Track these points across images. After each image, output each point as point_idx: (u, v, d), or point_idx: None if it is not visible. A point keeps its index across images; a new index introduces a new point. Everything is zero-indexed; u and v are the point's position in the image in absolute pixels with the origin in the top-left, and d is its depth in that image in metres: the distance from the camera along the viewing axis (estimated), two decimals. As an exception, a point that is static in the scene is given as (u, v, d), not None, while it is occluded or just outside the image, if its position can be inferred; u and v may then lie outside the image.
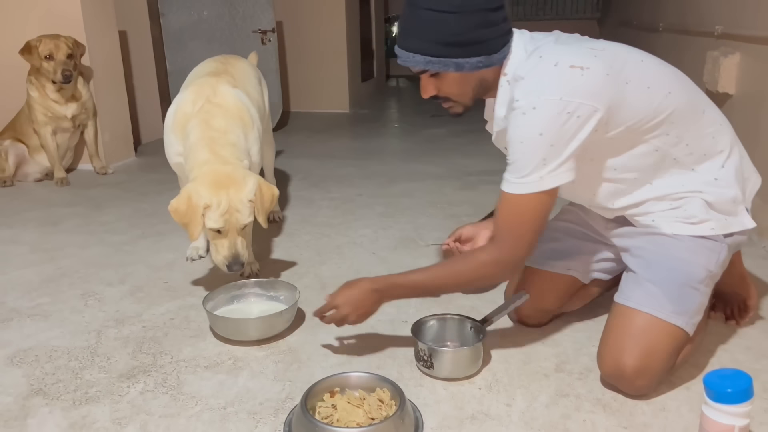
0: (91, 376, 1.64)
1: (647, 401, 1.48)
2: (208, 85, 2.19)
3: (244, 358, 1.72)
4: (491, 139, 1.65)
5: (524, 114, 1.36)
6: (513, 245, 1.44)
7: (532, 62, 1.41)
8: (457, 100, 1.52)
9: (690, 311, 1.48)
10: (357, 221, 2.88)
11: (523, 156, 1.38)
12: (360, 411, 1.38)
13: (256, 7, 5.00)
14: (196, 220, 1.88)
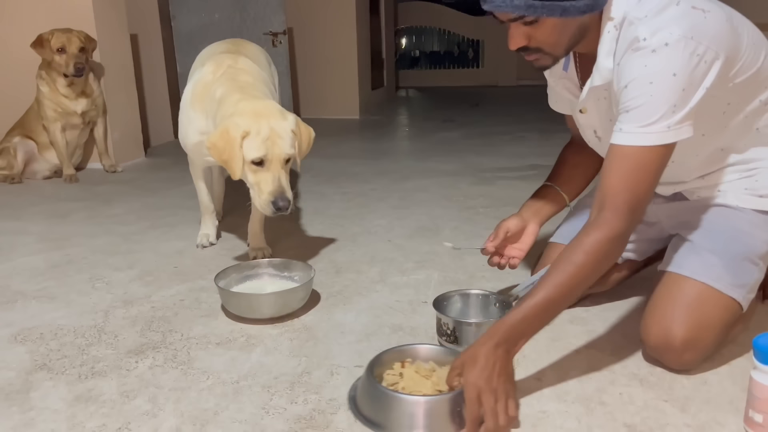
0: (98, 352, 1.57)
1: (687, 376, 1.39)
2: (228, 57, 2.08)
3: (257, 335, 1.64)
4: (552, 103, 1.63)
5: (654, 51, 1.19)
6: (631, 209, 1.24)
7: (650, 2, 1.25)
8: (549, 51, 1.33)
9: (748, 285, 1.40)
10: (371, 213, 2.81)
11: (651, 99, 1.20)
12: (428, 382, 1.28)
13: (267, 10, 4.99)
14: (236, 152, 1.73)
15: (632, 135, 1.22)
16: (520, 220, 1.66)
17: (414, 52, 11.61)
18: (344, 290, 1.93)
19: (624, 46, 1.26)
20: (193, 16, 4.98)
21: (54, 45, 3.37)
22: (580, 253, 1.24)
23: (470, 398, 1.16)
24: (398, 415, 1.19)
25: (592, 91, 1.40)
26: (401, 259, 2.20)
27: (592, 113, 1.47)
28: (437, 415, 1.18)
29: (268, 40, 5.03)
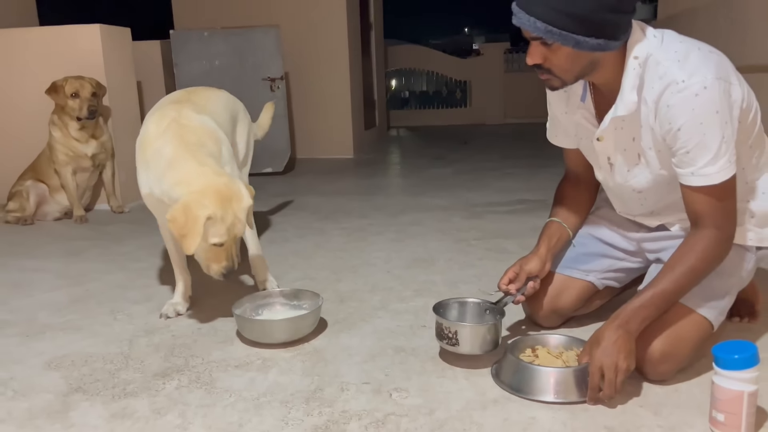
0: (127, 376, 1.72)
1: (661, 385, 1.55)
2: (171, 109, 2.05)
3: (272, 358, 1.80)
4: (551, 133, 1.83)
5: (697, 95, 1.37)
6: (729, 224, 1.48)
7: (672, 45, 1.44)
8: (559, 75, 1.49)
9: (719, 307, 1.58)
10: (370, 246, 2.99)
11: (704, 137, 1.39)
12: (559, 361, 1.60)
13: (265, 56, 5.25)
14: (196, 230, 1.76)
15: (706, 177, 1.43)
16: (539, 261, 1.77)
17: (404, 93, 11.97)
18: (349, 317, 2.10)
19: (657, 85, 1.43)
20: (194, 63, 5.22)
21: (68, 90, 3.59)
22: (693, 257, 1.47)
23: (593, 370, 1.44)
24: (536, 382, 1.51)
25: (613, 121, 1.55)
26: (400, 288, 2.37)
27: (608, 141, 1.62)
28: (565, 383, 1.49)
29: (266, 85, 5.28)
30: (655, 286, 1.48)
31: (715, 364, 1.33)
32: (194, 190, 1.80)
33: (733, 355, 1.30)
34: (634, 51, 1.47)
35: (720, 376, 1.32)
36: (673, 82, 1.40)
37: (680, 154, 1.44)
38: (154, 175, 1.93)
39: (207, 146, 1.97)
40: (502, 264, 2.58)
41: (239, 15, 6.06)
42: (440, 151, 6.79)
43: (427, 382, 1.62)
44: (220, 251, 1.86)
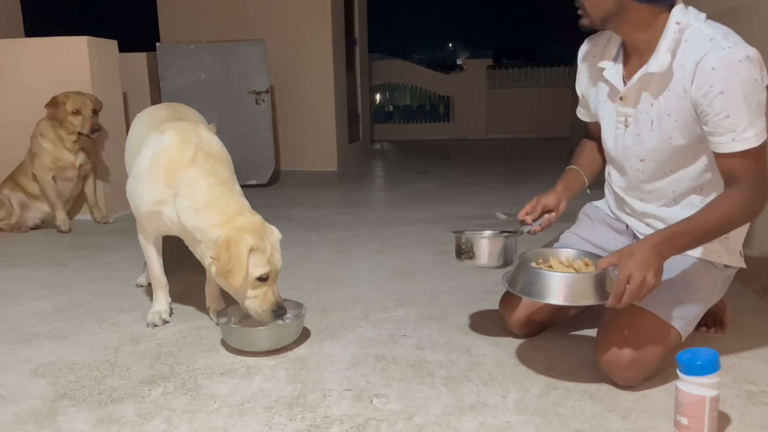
0: (114, 383, 1.75)
1: (630, 391, 1.63)
2: (191, 131, 2.07)
3: (256, 365, 1.85)
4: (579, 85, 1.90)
5: (741, 61, 1.47)
6: (766, 182, 1.54)
7: (717, 24, 1.56)
8: (589, 11, 1.62)
9: (688, 318, 1.66)
10: (353, 258, 3.05)
11: (744, 101, 1.48)
12: (570, 269, 1.66)
13: (251, 70, 5.32)
14: (241, 263, 1.81)
15: (747, 141, 1.50)
16: (556, 196, 1.89)
17: (388, 107, 12.10)
18: (332, 326, 2.15)
19: (700, 49, 1.52)
20: (181, 76, 5.27)
21: (69, 107, 3.63)
22: (731, 203, 1.53)
23: (621, 279, 1.47)
24: (548, 286, 1.54)
25: (642, 78, 1.64)
26: (382, 299, 2.43)
27: (630, 101, 1.70)
28: (578, 288, 1.52)
29: (252, 98, 5.34)
30: (693, 220, 1.54)
31: (678, 370, 1.40)
32: (232, 227, 1.87)
33: (696, 361, 1.37)
34: (677, 17, 1.58)
35: (684, 381, 1.39)
36: (718, 47, 1.50)
37: (719, 119, 1.51)
38: (184, 205, 1.95)
39: (235, 182, 2.06)
40: (480, 276, 2.67)
41: (226, 29, 6.13)
42: (423, 166, 6.88)
43: (406, 388, 1.68)
44: (267, 290, 1.89)
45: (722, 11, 2.85)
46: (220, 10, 6.34)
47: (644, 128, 1.69)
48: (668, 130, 1.64)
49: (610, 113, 1.79)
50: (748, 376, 1.70)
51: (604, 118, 1.82)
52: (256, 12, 6.28)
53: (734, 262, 1.75)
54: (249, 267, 1.84)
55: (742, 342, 1.91)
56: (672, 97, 1.61)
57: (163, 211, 2.01)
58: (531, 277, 1.59)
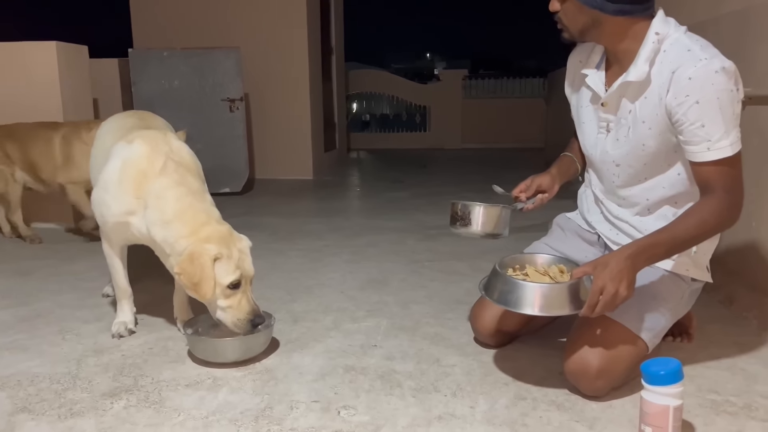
0: (74, 396, 1.71)
1: (596, 402, 1.63)
2: (161, 140, 2.04)
3: (223, 377, 1.82)
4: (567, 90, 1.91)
5: (717, 72, 1.50)
6: (740, 190, 1.59)
7: (695, 36, 1.60)
8: (567, 26, 1.66)
9: (655, 330, 1.68)
10: (325, 267, 3.03)
11: (719, 111, 1.51)
12: (546, 278, 1.67)
13: (225, 77, 5.28)
14: (207, 274, 1.79)
15: (721, 150, 1.53)
16: (551, 178, 1.92)
17: (364, 116, 12.10)
18: (301, 337, 2.13)
19: (678, 59, 1.56)
20: (153, 82, 5.22)
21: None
22: (706, 212, 1.56)
23: (594, 290, 1.49)
24: (523, 297, 1.56)
25: (621, 86, 1.67)
26: (353, 309, 2.41)
27: (611, 107, 1.73)
28: (553, 298, 1.54)
29: (225, 105, 5.30)
30: (667, 230, 1.57)
31: (643, 380, 1.41)
32: (197, 239, 1.85)
33: (660, 371, 1.38)
34: (657, 27, 1.61)
35: (648, 391, 1.40)
36: (695, 57, 1.53)
37: (695, 128, 1.54)
38: (153, 217, 1.92)
39: (205, 191, 2.04)
40: (453, 285, 2.67)
41: (200, 36, 6.08)
42: (399, 175, 6.89)
43: (375, 399, 1.67)
44: (240, 298, 1.86)
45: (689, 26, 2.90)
46: (195, 16, 6.29)
47: (622, 134, 1.72)
48: (642, 137, 1.67)
49: (591, 118, 1.83)
50: (712, 385, 1.72)
51: (585, 122, 1.86)
52: (231, 19, 6.25)
53: (701, 276, 1.78)
54: (217, 276, 1.81)
55: (706, 351, 1.93)
56: (647, 105, 1.64)
57: (131, 221, 1.98)
58: (508, 286, 1.60)
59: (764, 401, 1.62)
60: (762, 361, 1.86)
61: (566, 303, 1.53)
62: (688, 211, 1.60)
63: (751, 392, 1.67)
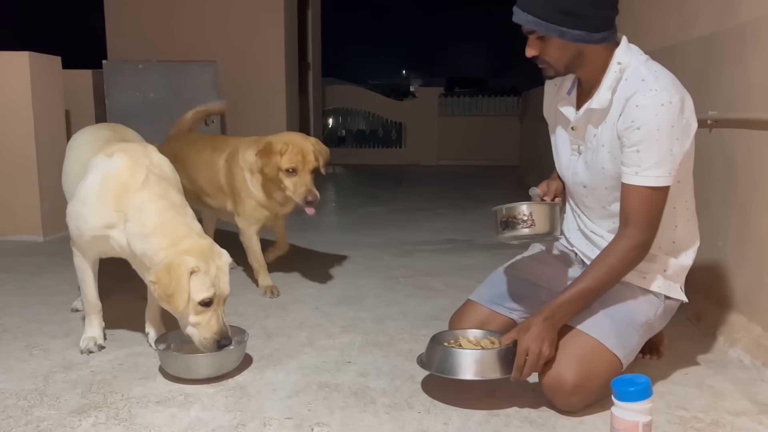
0: (41, 413, 1.67)
1: (568, 417, 1.65)
2: (141, 153, 2.04)
3: (194, 393, 1.79)
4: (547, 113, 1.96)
5: (663, 105, 1.58)
6: (651, 229, 1.66)
7: (654, 66, 1.67)
8: (552, 64, 1.70)
9: (629, 347, 1.71)
10: (300, 282, 3.01)
11: (656, 142, 1.59)
12: (478, 347, 1.76)
13: (200, 91, 5.26)
14: (182, 287, 1.77)
15: (646, 178, 1.62)
16: (559, 180, 1.98)
17: (341, 132, 12.13)
18: (275, 353, 2.11)
19: (633, 87, 1.63)
20: (127, 94, 5.18)
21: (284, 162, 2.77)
22: (612, 257, 1.66)
23: (520, 352, 1.62)
24: (459, 364, 1.66)
25: (587, 112, 1.75)
26: (328, 324, 2.40)
27: (580, 131, 1.80)
28: (486, 363, 1.65)
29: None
30: (578, 284, 1.66)
31: (613, 396, 1.43)
32: (176, 250, 1.83)
33: (629, 387, 1.41)
34: (619, 57, 1.69)
35: (618, 407, 1.43)
36: (647, 87, 1.61)
37: (631, 152, 1.63)
38: (133, 229, 1.91)
39: (187, 205, 2.04)
40: (428, 301, 2.68)
41: (176, 49, 6.06)
42: (375, 190, 6.91)
43: (349, 416, 1.66)
44: (210, 316, 1.84)
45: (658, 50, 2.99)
46: (171, 29, 6.27)
47: (589, 157, 1.79)
48: (602, 161, 1.73)
49: (565, 141, 1.89)
50: (680, 401, 1.75)
51: (559, 144, 1.92)
52: (208, 33, 6.25)
53: (675, 295, 1.82)
54: (191, 290, 1.79)
55: (675, 368, 1.96)
56: (607, 130, 1.71)
57: (111, 235, 1.97)
58: (443, 355, 1.70)
59: (731, 418, 1.65)
60: (729, 378, 1.90)
61: (498, 367, 1.65)
62: (597, 260, 1.69)
63: (719, 409, 1.70)
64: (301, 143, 2.65)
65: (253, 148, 2.72)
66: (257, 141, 2.76)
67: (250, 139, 2.86)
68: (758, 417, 1.66)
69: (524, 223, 1.77)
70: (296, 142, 2.64)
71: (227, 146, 2.92)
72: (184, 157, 2.97)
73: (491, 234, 1.92)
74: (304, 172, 2.61)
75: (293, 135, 2.77)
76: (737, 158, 2.25)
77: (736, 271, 2.25)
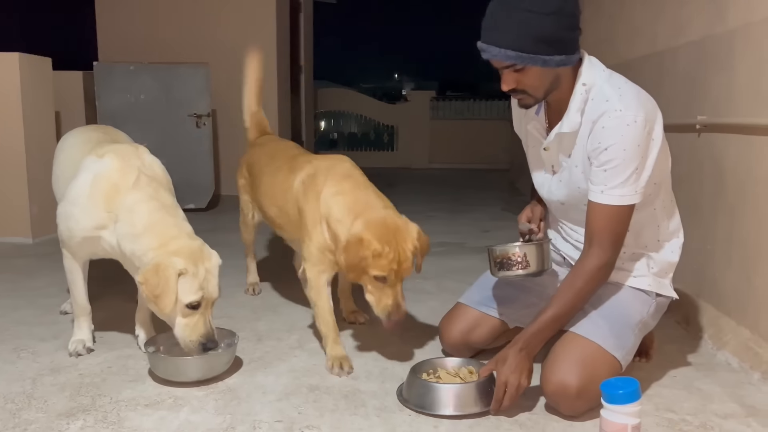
0: (29, 416, 1.66)
1: (558, 420, 1.65)
2: (133, 154, 2.04)
3: (184, 396, 1.78)
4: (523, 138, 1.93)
5: (628, 125, 1.59)
6: (614, 248, 1.67)
7: (617, 82, 1.67)
8: (532, 93, 1.67)
9: (627, 347, 1.72)
10: (291, 285, 2.99)
11: (622, 163, 1.60)
12: (457, 378, 1.78)
13: (192, 93, 5.25)
14: (170, 288, 1.76)
15: (611, 197, 1.64)
16: (541, 205, 2.00)
17: (332, 134, 12.14)
18: (265, 356, 2.11)
19: (599, 108, 1.64)
20: (118, 96, 5.15)
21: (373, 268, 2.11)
22: (579, 279, 1.67)
23: (499, 384, 1.63)
24: (438, 399, 1.68)
25: (558, 135, 1.75)
26: (319, 328, 2.39)
27: (553, 152, 1.80)
28: (465, 397, 1.67)
29: (192, 121, 5.26)
30: (548, 311, 1.67)
31: (602, 398, 1.44)
32: (166, 252, 1.82)
33: (618, 390, 1.42)
34: (583, 77, 1.68)
35: (607, 410, 1.43)
36: (612, 108, 1.62)
37: (599, 170, 1.64)
38: (123, 230, 1.91)
39: (178, 207, 2.03)
40: (419, 304, 2.68)
41: (168, 51, 6.03)
42: (366, 193, 6.88)
43: (339, 419, 1.66)
44: (197, 319, 1.83)
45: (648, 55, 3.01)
46: (163, 31, 6.25)
47: (564, 177, 1.80)
48: (576, 180, 1.75)
49: (538, 158, 1.90)
50: (669, 404, 1.76)
51: (533, 162, 1.93)
52: (201, 35, 6.23)
53: (665, 292, 1.84)
54: (179, 292, 1.79)
55: (664, 371, 1.98)
56: (579, 151, 1.72)
57: (102, 236, 1.96)
58: (423, 389, 1.72)
59: (719, 420, 1.67)
60: (717, 381, 1.91)
61: (477, 400, 1.67)
62: (564, 285, 1.70)
63: (707, 411, 1.71)
64: (402, 244, 1.91)
65: (342, 201, 2.01)
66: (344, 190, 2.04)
67: (342, 171, 2.12)
68: (746, 420, 1.67)
69: (519, 264, 1.80)
70: (397, 241, 1.90)
71: (308, 164, 2.23)
72: (258, 174, 2.51)
73: (483, 237, 1.93)
74: (396, 281, 1.93)
75: (390, 224, 1.94)
76: (725, 163, 2.26)
77: (725, 274, 2.26)
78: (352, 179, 2.08)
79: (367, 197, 2.02)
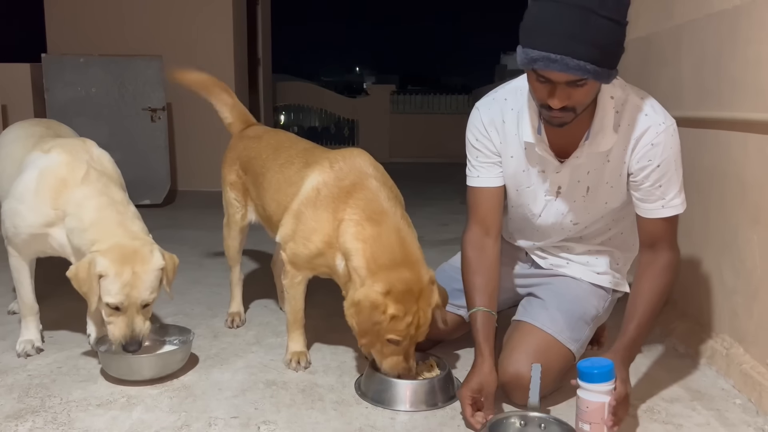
0: (-26, 420, 1.60)
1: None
2: (81, 148, 1.99)
3: (137, 395, 1.75)
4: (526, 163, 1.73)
5: (672, 135, 1.59)
6: (676, 245, 1.67)
7: (637, 92, 1.63)
8: (578, 110, 1.49)
9: (581, 340, 1.77)
10: (248, 280, 2.96)
11: (675, 173, 1.61)
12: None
13: (146, 86, 5.13)
14: (92, 288, 1.74)
15: (674, 208, 1.63)
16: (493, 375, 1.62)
17: (292, 129, 12.03)
18: (222, 352, 2.09)
19: (641, 125, 1.59)
20: (68, 89, 5.00)
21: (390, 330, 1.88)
22: (665, 275, 1.63)
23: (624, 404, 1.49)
24: (396, 395, 1.69)
25: (590, 156, 1.63)
26: (276, 323, 2.39)
27: (564, 173, 1.69)
28: (422, 393, 1.70)
29: (146, 115, 5.15)
30: (635, 319, 1.61)
31: (579, 378, 1.46)
32: (98, 249, 1.77)
33: (594, 369, 1.45)
34: (609, 91, 1.57)
35: (584, 389, 1.46)
36: (655, 123, 1.58)
37: (652, 188, 1.61)
38: (71, 224, 1.86)
39: (130, 203, 1.98)
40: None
41: (120, 43, 5.87)
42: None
43: (296, 414, 1.66)
44: (121, 320, 1.77)
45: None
46: (115, 22, 6.08)
47: (579, 194, 1.74)
48: (605, 196, 1.73)
49: (536, 181, 1.75)
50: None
51: (530, 186, 1.76)
52: (154, 26, 6.08)
53: (622, 288, 1.91)
54: (101, 292, 1.75)
55: (615, 358, 2.02)
56: (610, 167, 1.66)
57: (51, 233, 1.91)
58: (382, 385, 1.72)
59: (666, 404, 1.72)
60: (665, 368, 1.97)
61: (436, 396, 1.70)
62: (643, 289, 1.63)
63: (654, 396, 1.77)
64: (424, 308, 1.71)
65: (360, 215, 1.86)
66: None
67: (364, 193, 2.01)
68: (691, 404, 1.73)
69: None
70: (418, 306, 1.70)
71: (325, 160, 2.08)
72: (261, 169, 2.24)
73: (441, 230, 1.94)
74: (410, 345, 1.74)
75: (414, 288, 1.70)
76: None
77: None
78: (374, 204, 1.91)
79: (389, 240, 1.78)
